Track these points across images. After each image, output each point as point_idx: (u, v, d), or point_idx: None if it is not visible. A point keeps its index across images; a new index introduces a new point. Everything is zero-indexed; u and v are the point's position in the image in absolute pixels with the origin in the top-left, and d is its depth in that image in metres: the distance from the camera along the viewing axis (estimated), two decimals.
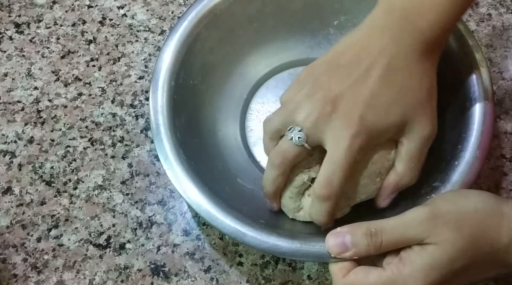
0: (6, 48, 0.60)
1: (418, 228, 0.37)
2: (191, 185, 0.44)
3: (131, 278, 0.49)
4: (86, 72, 0.59)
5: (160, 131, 0.47)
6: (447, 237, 0.37)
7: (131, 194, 0.53)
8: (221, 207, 0.44)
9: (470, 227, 0.38)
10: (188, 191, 0.44)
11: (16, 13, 0.62)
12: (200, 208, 0.44)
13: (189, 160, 0.46)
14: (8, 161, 0.54)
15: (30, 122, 0.56)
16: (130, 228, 0.51)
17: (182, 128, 0.48)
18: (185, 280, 0.49)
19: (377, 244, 0.38)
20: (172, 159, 0.45)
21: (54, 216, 0.52)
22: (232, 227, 0.43)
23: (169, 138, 0.46)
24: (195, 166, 0.46)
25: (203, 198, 0.44)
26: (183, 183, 0.44)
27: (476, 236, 0.37)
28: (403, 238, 0.38)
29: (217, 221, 0.43)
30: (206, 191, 0.44)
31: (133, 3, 0.63)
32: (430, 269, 0.37)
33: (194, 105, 0.51)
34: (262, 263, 0.50)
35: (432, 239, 0.37)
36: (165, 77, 0.49)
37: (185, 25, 0.51)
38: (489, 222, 0.38)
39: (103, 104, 0.57)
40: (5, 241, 0.50)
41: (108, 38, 0.61)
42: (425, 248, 0.37)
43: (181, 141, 0.47)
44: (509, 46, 0.60)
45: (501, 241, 0.37)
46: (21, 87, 0.58)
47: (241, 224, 0.43)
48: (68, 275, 0.49)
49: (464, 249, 0.37)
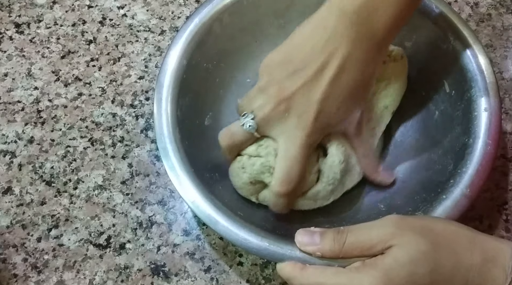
0: (6, 48, 0.60)
1: (383, 230, 0.37)
2: (177, 163, 0.45)
3: (131, 278, 0.49)
4: (86, 72, 0.59)
5: (161, 105, 0.47)
6: (410, 239, 0.36)
7: (131, 194, 0.53)
8: (203, 192, 0.44)
9: (436, 236, 0.37)
10: (175, 168, 0.45)
11: (16, 13, 0.62)
12: (180, 186, 0.44)
13: (183, 139, 0.46)
14: (8, 161, 0.54)
15: (30, 122, 0.56)
16: (130, 228, 0.51)
17: (184, 108, 0.48)
18: (185, 280, 0.49)
19: (341, 240, 0.38)
20: (166, 135, 0.46)
21: (54, 216, 0.52)
22: (206, 213, 0.43)
23: (169, 114, 0.47)
24: (188, 146, 0.46)
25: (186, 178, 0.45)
26: (172, 159, 0.45)
27: (442, 245, 0.36)
28: (367, 238, 0.38)
29: (195, 204, 0.44)
30: (192, 173, 0.45)
31: (133, 3, 0.63)
32: (390, 269, 0.36)
33: (203, 88, 0.51)
34: (262, 263, 0.50)
35: (395, 241, 0.36)
36: (179, 54, 0.50)
37: (209, 8, 0.51)
38: (459, 240, 0.37)
39: (103, 104, 0.57)
40: (5, 241, 0.50)
41: (108, 38, 0.61)
42: (388, 251, 0.36)
43: (180, 120, 0.47)
44: (509, 46, 0.61)
45: (473, 259, 0.36)
46: (21, 87, 0.58)
47: (218, 211, 0.43)
48: (68, 275, 0.49)
49: (426, 252, 0.36)
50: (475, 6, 0.63)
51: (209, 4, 0.52)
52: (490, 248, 0.37)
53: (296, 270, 0.39)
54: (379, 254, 0.37)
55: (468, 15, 0.62)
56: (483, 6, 0.63)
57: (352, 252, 0.38)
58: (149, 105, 0.57)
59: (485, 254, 0.36)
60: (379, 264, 0.36)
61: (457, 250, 0.36)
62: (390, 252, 0.36)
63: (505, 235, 0.51)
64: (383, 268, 0.36)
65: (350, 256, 0.38)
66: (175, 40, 0.50)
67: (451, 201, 0.44)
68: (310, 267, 0.39)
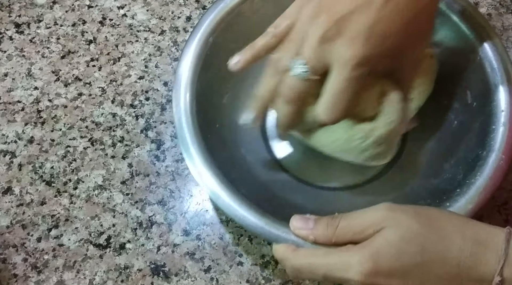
0: (6, 48, 0.60)
1: (375, 213, 0.38)
2: (188, 135, 0.46)
3: (131, 278, 0.49)
4: (86, 72, 0.59)
5: (181, 76, 0.48)
6: (401, 220, 0.37)
7: (131, 194, 0.53)
8: (210, 164, 0.45)
9: (428, 218, 0.37)
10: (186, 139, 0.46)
11: (16, 13, 0.62)
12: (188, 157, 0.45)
13: (199, 112, 0.47)
14: (8, 161, 0.54)
15: (30, 122, 0.56)
16: (130, 228, 0.51)
17: (204, 82, 0.49)
18: (185, 280, 0.49)
19: (334, 225, 0.39)
20: (182, 107, 0.47)
21: (54, 216, 0.52)
22: (210, 186, 0.44)
23: (187, 86, 0.48)
24: (203, 119, 0.47)
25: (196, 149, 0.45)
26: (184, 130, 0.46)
27: (433, 227, 0.36)
28: (359, 221, 0.38)
29: (200, 175, 0.44)
30: (203, 146, 0.46)
31: (133, 3, 0.63)
32: (380, 247, 0.36)
33: (225, 68, 0.51)
34: (262, 263, 0.50)
35: (387, 223, 0.37)
36: (205, 30, 0.50)
37: None
38: (451, 223, 0.37)
39: (103, 104, 0.57)
40: (5, 241, 0.50)
41: (108, 38, 0.61)
42: (379, 232, 0.37)
43: (199, 93, 0.48)
44: (509, 46, 0.60)
45: (465, 241, 0.36)
46: (21, 87, 0.58)
47: (221, 185, 0.44)
48: (68, 275, 0.49)
49: (417, 232, 0.36)
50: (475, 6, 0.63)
51: None
52: (482, 232, 0.37)
53: (289, 252, 0.40)
54: None
55: None
56: (483, 6, 0.63)
57: (345, 236, 0.38)
58: (149, 105, 0.57)
59: (478, 236, 0.36)
60: (369, 243, 0.37)
61: (448, 232, 0.36)
62: (381, 233, 0.36)
63: None
64: (372, 247, 0.36)
65: (343, 240, 0.38)
66: (204, 17, 0.51)
67: (455, 209, 0.43)
68: (302, 249, 0.40)
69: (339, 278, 0.37)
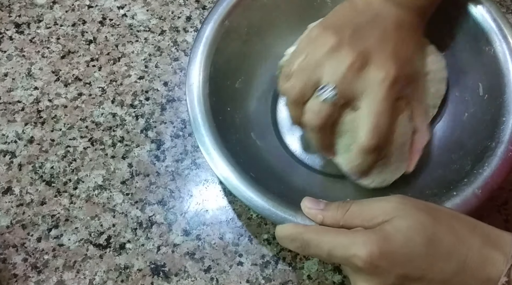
0: (6, 48, 0.60)
1: (386, 203, 0.38)
2: (200, 115, 0.47)
3: (131, 278, 0.49)
4: (86, 72, 0.59)
5: (196, 58, 0.49)
6: (412, 212, 0.37)
7: (131, 194, 0.53)
8: (220, 146, 0.45)
9: (438, 213, 0.37)
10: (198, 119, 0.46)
11: (16, 13, 0.62)
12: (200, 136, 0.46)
13: (211, 94, 0.48)
14: (8, 161, 0.54)
15: (30, 122, 0.56)
16: (130, 228, 0.51)
17: (218, 65, 0.49)
18: (185, 280, 0.49)
19: (345, 208, 0.39)
20: (195, 90, 0.48)
21: (54, 216, 0.52)
22: (219, 167, 0.45)
23: (203, 66, 0.49)
24: (215, 102, 0.48)
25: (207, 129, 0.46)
26: (196, 110, 0.47)
27: (443, 221, 0.37)
28: (370, 209, 0.38)
29: (210, 156, 0.45)
30: (214, 127, 0.46)
31: (133, 3, 0.63)
32: (387, 233, 0.36)
33: (239, 52, 0.52)
34: (262, 263, 0.50)
35: (397, 213, 0.37)
36: (222, 12, 0.50)
37: None
38: (460, 221, 0.37)
39: (103, 104, 0.57)
40: (5, 241, 0.50)
41: (108, 38, 0.61)
42: (388, 221, 0.37)
43: (212, 76, 0.49)
44: None
45: (474, 239, 0.36)
46: (21, 87, 0.58)
47: (231, 167, 0.45)
48: (68, 275, 0.49)
49: (426, 224, 0.36)
50: None
51: None
52: (491, 233, 0.37)
53: (300, 226, 0.40)
54: None
55: None
56: None
57: (353, 220, 0.38)
58: (149, 105, 0.57)
59: (486, 237, 0.36)
60: (377, 229, 0.37)
61: (457, 229, 0.36)
62: (390, 221, 0.37)
63: None
64: (380, 232, 0.36)
65: (351, 225, 0.39)
66: (220, 0, 0.51)
67: (461, 198, 0.43)
68: (313, 225, 0.41)
69: (342, 256, 0.37)
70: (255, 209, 0.44)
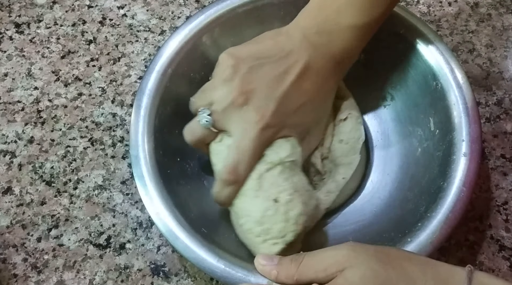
0: (6, 48, 0.60)
1: (338, 252, 0.38)
2: (146, 173, 0.45)
3: (131, 278, 0.49)
4: (86, 72, 0.59)
5: (139, 113, 0.48)
6: (363, 260, 0.37)
7: (131, 194, 0.53)
8: (168, 204, 0.44)
9: (389, 257, 0.37)
10: (144, 177, 0.46)
11: (16, 13, 0.62)
12: (145, 197, 0.45)
13: (157, 148, 0.47)
14: (8, 161, 0.54)
15: (30, 122, 0.56)
16: (130, 228, 0.51)
17: (164, 116, 0.48)
18: (185, 280, 0.49)
19: (298, 261, 0.39)
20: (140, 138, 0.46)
21: (54, 216, 0.52)
22: (168, 228, 0.44)
23: (146, 120, 0.47)
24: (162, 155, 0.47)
25: (154, 189, 0.45)
26: (142, 168, 0.46)
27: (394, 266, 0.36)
28: (322, 259, 0.38)
29: (158, 216, 0.44)
30: (161, 184, 0.45)
31: (133, 3, 0.63)
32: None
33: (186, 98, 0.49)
34: None
35: (348, 263, 0.37)
36: (164, 62, 0.49)
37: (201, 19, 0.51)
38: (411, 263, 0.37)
39: (103, 104, 0.57)
40: (5, 241, 0.50)
41: (108, 38, 0.61)
42: (341, 272, 0.36)
43: (157, 128, 0.47)
44: (509, 46, 0.61)
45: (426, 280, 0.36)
46: (21, 87, 0.58)
47: (179, 226, 0.43)
48: (68, 275, 0.49)
49: (377, 271, 0.36)
50: (475, 6, 0.63)
51: (201, 15, 0.51)
52: (443, 271, 0.37)
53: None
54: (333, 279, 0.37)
55: (468, 15, 0.62)
56: (483, 6, 0.63)
57: (307, 273, 0.38)
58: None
59: (439, 275, 0.36)
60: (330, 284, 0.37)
61: (409, 271, 0.36)
62: (342, 274, 0.36)
63: (505, 235, 0.51)
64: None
65: (306, 278, 0.38)
66: (163, 48, 0.50)
67: (416, 244, 0.43)
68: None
69: None
70: (205, 271, 0.43)
